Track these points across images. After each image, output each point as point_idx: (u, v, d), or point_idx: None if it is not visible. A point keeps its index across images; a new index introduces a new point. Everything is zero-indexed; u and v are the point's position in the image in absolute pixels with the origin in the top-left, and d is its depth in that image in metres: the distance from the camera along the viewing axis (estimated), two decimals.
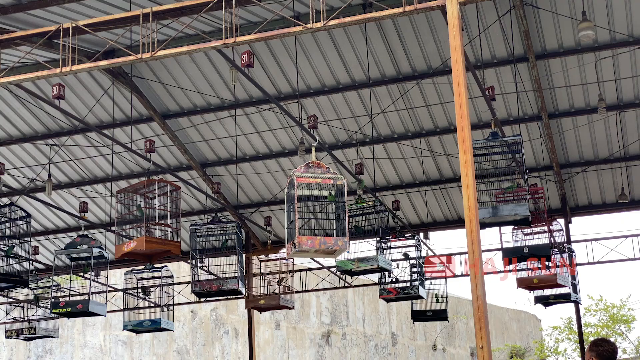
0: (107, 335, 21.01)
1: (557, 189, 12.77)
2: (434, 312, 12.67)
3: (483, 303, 5.69)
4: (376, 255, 10.28)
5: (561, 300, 11.92)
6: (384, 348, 29.73)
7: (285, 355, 26.08)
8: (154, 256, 9.48)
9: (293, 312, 25.41)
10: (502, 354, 33.19)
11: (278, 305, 12.81)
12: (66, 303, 10.65)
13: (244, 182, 13.11)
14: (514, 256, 10.13)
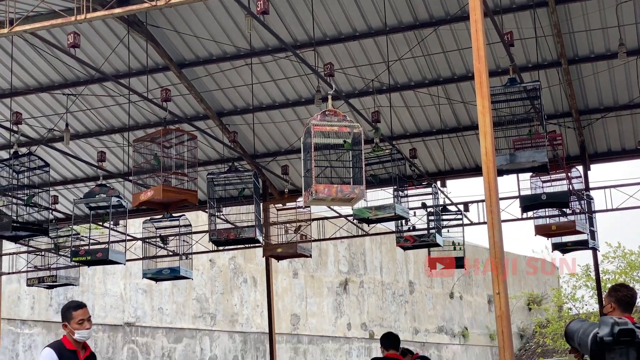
0: (127, 284, 21.25)
1: (576, 136, 12.68)
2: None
3: (500, 249, 5.69)
4: (393, 203, 10.27)
5: (579, 247, 11.91)
6: (402, 296, 29.93)
7: (303, 304, 26.32)
8: (171, 205, 9.53)
9: (311, 261, 25.56)
10: (519, 302, 33.33)
11: (295, 254, 12.88)
12: (86, 251, 10.75)
13: (261, 131, 13.09)
14: (531, 203, 10.10)
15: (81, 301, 6.40)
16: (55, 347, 6.11)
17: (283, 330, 24.77)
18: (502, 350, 5.51)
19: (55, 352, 6.02)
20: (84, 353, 6.16)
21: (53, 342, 6.22)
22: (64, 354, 6.04)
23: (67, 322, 6.14)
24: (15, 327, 18.96)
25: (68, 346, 6.11)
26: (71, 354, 6.08)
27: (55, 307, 19.79)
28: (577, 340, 2.29)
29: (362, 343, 27.83)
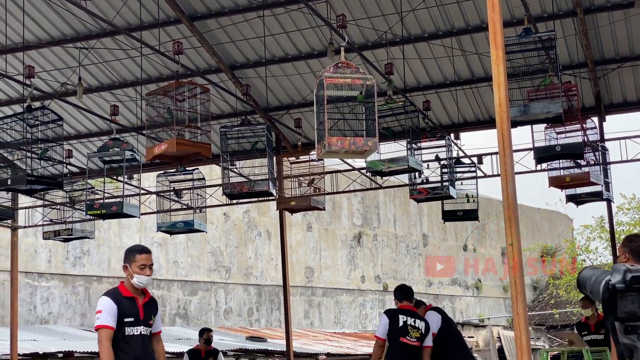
0: (142, 237, 21.40)
1: (591, 87, 12.56)
2: (465, 211, 12.70)
3: (513, 200, 5.67)
4: (406, 156, 10.25)
5: (593, 198, 11.88)
6: (415, 249, 30.04)
7: (317, 257, 26.47)
8: (185, 158, 9.54)
9: (324, 214, 25.65)
10: (533, 254, 33.40)
11: (309, 207, 12.91)
12: (101, 205, 10.81)
13: (273, 84, 13.04)
14: (545, 155, 10.05)
15: (147, 246, 6.22)
16: (111, 294, 5.94)
17: (297, 283, 24.97)
18: (515, 301, 5.53)
19: (112, 299, 5.86)
20: (143, 299, 5.98)
21: (109, 290, 6.06)
22: (121, 301, 5.87)
23: (129, 264, 5.95)
24: (33, 280, 19.18)
25: (125, 293, 5.94)
26: (129, 301, 5.91)
27: (72, 260, 19.99)
28: (589, 287, 2.29)
29: (375, 295, 28.03)
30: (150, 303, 6.04)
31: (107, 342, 5.74)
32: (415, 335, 8.59)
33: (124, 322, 5.80)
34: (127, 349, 5.76)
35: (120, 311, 5.80)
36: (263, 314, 24.46)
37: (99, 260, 20.53)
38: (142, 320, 5.90)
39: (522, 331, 5.43)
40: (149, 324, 5.97)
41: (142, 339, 5.89)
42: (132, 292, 5.93)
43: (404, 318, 8.62)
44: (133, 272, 5.90)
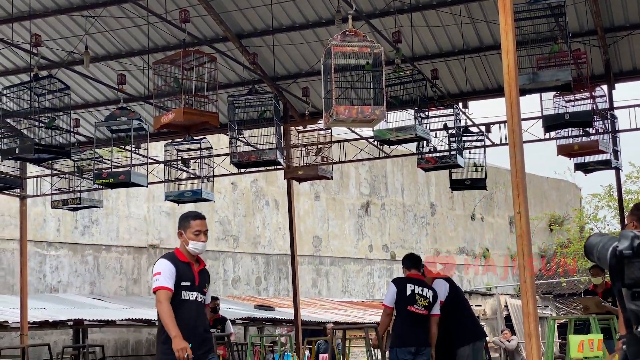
0: (151, 206, 21.47)
1: (601, 54, 12.47)
2: (473, 180, 12.66)
3: (521, 169, 5.66)
4: (414, 125, 10.22)
5: (602, 167, 11.84)
6: (423, 218, 30.07)
7: (325, 226, 26.52)
8: (192, 127, 9.53)
9: (332, 184, 25.67)
10: (541, 223, 33.40)
11: (317, 176, 12.91)
12: (108, 174, 10.83)
13: (281, 53, 12.99)
14: (554, 123, 10.00)
15: (201, 213, 6.14)
16: (169, 257, 5.85)
17: (305, 252, 25.05)
18: (522, 269, 5.54)
19: (170, 262, 5.78)
20: (198, 267, 5.92)
21: (166, 254, 5.95)
22: (178, 265, 5.80)
23: (184, 230, 5.90)
24: (42, 249, 19.29)
25: (181, 258, 5.85)
26: (186, 266, 5.83)
27: (81, 229, 20.08)
28: (597, 254, 2.29)
29: (383, 264, 28.12)
30: (204, 272, 5.98)
31: (167, 302, 5.62)
32: (423, 304, 8.61)
33: (180, 285, 5.71)
34: (182, 313, 5.65)
35: (178, 274, 5.72)
36: (271, 282, 24.57)
37: (107, 230, 20.61)
38: (197, 286, 5.82)
39: (529, 299, 5.44)
40: (204, 292, 5.89)
41: (197, 305, 5.81)
42: (188, 257, 5.86)
43: (412, 287, 8.64)
44: (188, 239, 5.85)
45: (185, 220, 5.96)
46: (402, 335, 8.53)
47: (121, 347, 20.44)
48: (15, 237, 15.57)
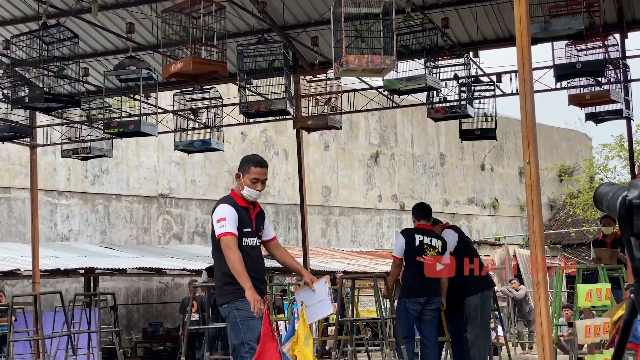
0: (160, 156, 21.51)
1: (614, 2, 12.30)
2: (483, 130, 12.61)
3: (532, 119, 5.64)
4: (424, 74, 10.15)
5: (613, 116, 11.76)
6: (432, 168, 30.05)
7: (334, 176, 26.55)
8: (201, 77, 9.52)
9: (342, 134, 25.62)
10: (551, 173, 33.35)
11: (326, 126, 12.87)
12: (118, 123, 10.83)
13: (290, 1, 12.86)
14: (566, 72, 9.92)
15: (264, 160, 5.96)
16: (230, 202, 5.67)
17: (314, 202, 25.11)
18: (531, 219, 5.55)
19: (233, 207, 5.60)
20: (254, 210, 5.78)
21: (226, 198, 5.76)
22: (238, 209, 5.64)
23: (242, 173, 5.75)
24: (53, 198, 19.40)
25: (240, 203, 5.68)
26: (244, 211, 5.67)
27: (91, 179, 20.16)
28: (606, 203, 2.28)
29: (392, 214, 28.19)
30: (260, 213, 5.84)
31: (236, 246, 5.45)
32: (432, 254, 8.65)
33: (242, 232, 5.58)
34: (244, 259, 5.48)
35: (240, 220, 5.59)
36: (280, 232, 24.69)
37: (117, 179, 20.69)
38: (254, 231, 5.69)
39: (537, 249, 5.46)
40: (259, 235, 5.77)
41: (257, 252, 5.70)
42: (246, 202, 5.70)
43: (421, 237, 8.67)
44: (244, 184, 5.69)
45: (246, 165, 5.79)
46: (412, 286, 8.59)
47: (132, 295, 20.66)
48: (26, 186, 15.65)
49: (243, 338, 5.35)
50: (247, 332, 5.34)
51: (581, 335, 5.08)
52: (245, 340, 5.33)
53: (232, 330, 5.47)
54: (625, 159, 27.23)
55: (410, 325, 8.58)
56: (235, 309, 5.46)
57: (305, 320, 5.06)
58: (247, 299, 5.30)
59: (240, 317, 5.43)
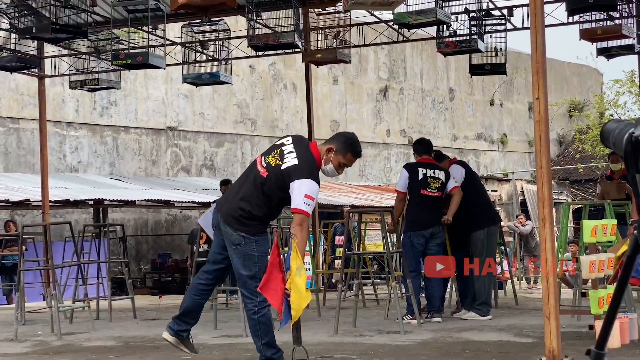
0: (169, 89, 21.45)
1: None
2: (493, 65, 12.51)
3: (542, 54, 5.59)
4: (434, 8, 10.04)
5: (624, 52, 11.64)
6: (441, 103, 29.92)
7: (342, 110, 26.47)
8: (210, 9, 9.44)
9: (351, 67, 25.46)
10: (561, 109, 33.18)
11: (335, 59, 12.80)
12: (126, 55, 10.77)
13: None
14: (578, 7, 9.80)
15: (361, 151, 5.84)
16: (317, 172, 5.53)
17: (323, 136, 25.00)
18: (539, 155, 5.55)
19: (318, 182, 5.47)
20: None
21: (312, 162, 5.53)
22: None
23: (336, 151, 5.61)
24: (62, 129, 19.44)
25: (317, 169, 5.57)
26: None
27: (99, 110, 20.16)
28: (612, 140, 2.28)
29: (400, 149, 28.18)
30: None
31: (307, 226, 5.49)
32: (436, 186, 8.68)
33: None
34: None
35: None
36: None
37: (126, 111, 20.68)
38: None
39: (544, 185, 5.47)
40: None
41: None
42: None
43: (424, 170, 8.69)
44: (332, 161, 5.58)
45: (345, 147, 5.63)
46: (416, 219, 8.64)
47: (141, 226, 20.83)
48: (35, 117, 15.66)
49: (257, 272, 5.39)
50: (262, 268, 5.37)
51: (585, 271, 5.12)
52: (258, 275, 5.37)
53: (244, 261, 5.44)
54: (636, 95, 27.06)
55: (416, 258, 8.66)
56: (255, 242, 5.47)
57: (297, 250, 5.12)
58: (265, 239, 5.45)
59: (258, 251, 5.47)
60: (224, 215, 5.51)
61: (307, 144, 5.68)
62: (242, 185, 5.62)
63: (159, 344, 7.26)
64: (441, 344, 6.90)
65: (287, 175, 5.36)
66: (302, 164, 5.40)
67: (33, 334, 8.69)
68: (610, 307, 2.45)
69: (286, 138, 5.71)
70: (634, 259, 2.33)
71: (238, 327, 7.81)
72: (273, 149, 5.62)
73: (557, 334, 5.21)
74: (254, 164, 5.68)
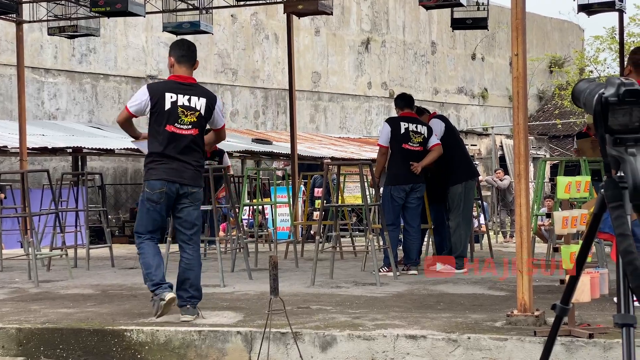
0: (149, 37, 21.26)
1: None
2: (474, 20, 12.48)
3: (522, 9, 5.59)
4: None
5: (605, 8, 11.64)
6: (423, 56, 29.86)
7: (324, 62, 26.37)
8: None
9: (333, 19, 25.31)
10: (541, 64, 33.20)
11: (317, 11, 12.73)
12: (105, 2, 10.66)
13: None
14: None
15: None
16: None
17: (304, 88, 25.02)
18: (516, 111, 5.58)
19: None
20: None
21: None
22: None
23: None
24: (40, 76, 19.25)
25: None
26: None
27: (78, 57, 19.96)
28: (583, 100, 2.32)
29: (381, 102, 28.17)
30: None
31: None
32: (418, 140, 8.72)
33: None
34: None
35: None
36: (269, 117, 24.70)
37: (105, 58, 20.49)
38: None
39: (520, 141, 5.51)
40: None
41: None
42: None
43: (406, 125, 8.72)
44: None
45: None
46: (397, 173, 8.68)
47: (120, 175, 20.80)
48: (13, 63, 15.49)
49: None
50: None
51: (558, 226, 5.19)
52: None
53: (196, 212, 5.97)
54: (616, 51, 27.07)
55: (395, 212, 8.72)
56: (202, 194, 6.10)
57: None
58: None
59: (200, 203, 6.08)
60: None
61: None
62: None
63: (136, 292, 7.31)
64: (416, 296, 7.00)
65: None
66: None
67: (10, 281, 8.72)
68: (576, 264, 2.51)
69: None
70: (600, 217, 2.38)
71: (215, 277, 7.88)
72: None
73: (529, 288, 5.31)
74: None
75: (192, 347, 5.40)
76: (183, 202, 5.84)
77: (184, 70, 6.02)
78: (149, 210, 5.80)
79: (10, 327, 5.77)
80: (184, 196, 5.83)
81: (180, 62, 6.03)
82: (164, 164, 5.77)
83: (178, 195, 5.80)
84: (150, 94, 5.88)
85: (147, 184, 5.81)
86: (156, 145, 5.85)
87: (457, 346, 5.00)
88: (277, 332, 5.23)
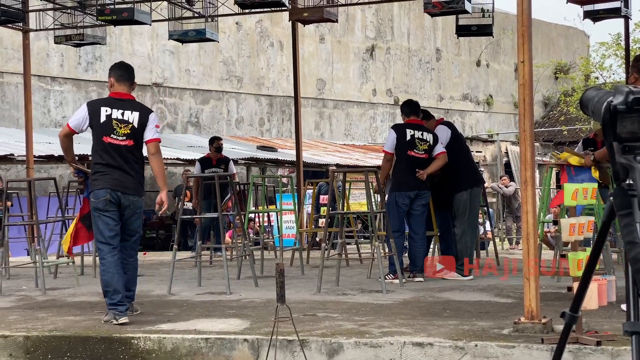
0: (155, 45, 21.31)
1: None
2: (479, 26, 12.48)
3: (527, 17, 5.59)
4: None
5: (611, 15, 11.65)
6: (428, 63, 29.87)
7: (329, 69, 26.40)
8: None
9: (338, 26, 25.34)
10: (547, 70, 33.19)
11: (322, 18, 12.73)
12: (111, 10, 10.70)
13: None
14: None
15: None
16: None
17: (309, 95, 25.05)
18: (522, 118, 5.58)
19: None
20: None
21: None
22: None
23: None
24: (46, 84, 19.30)
25: None
26: None
27: (84, 65, 20.01)
28: (591, 108, 2.33)
29: (386, 109, 28.18)
30: None
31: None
32: (423, 148, 8.72)
33: None
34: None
35: None
36: (274, 124, 24.72)
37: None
38: None
39: (527, 147, 5.51)
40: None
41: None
42: None
43: (412, 132, 8.72)
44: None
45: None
46: (402, 180, 8.68)
47: None
48: (19, 71, 15.54)
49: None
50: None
51: (565, 233, 5.19)
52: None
53: (138, 221, 6.40)
54: (622, 57, 27.04)
55: (400, 219, 8.71)
56: (142, 203, 6.49)
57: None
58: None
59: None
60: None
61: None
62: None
63: (142, 300, 7.32)
64: (422, 303, 6.99)
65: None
66: None
67: (17, 289, 8.73)
68: (585, 272, 2.51)
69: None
70: (609, 225, 2.38)
71: (222, 285, 7.88)
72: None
73: (536, 295, 5.30)
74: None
75: (199, 354, 5.41)
76: (126, 213, 6.27)
77: (123, 88, 6.47)
78: (99, 217, 6.21)
79: (17, 335, 5.78)
80: (128, 206, 6.27)
81: (119, 81, 6.51)
82: (106, 174, 6.25)
83: (120, 203, 6.23)
84: (88, 110, 6.37)
85: (93, 194, 6.26)
86: (98, 157, 6.37)
87: (464, 354, 5.00)
88: (284, 339, 5.23)
